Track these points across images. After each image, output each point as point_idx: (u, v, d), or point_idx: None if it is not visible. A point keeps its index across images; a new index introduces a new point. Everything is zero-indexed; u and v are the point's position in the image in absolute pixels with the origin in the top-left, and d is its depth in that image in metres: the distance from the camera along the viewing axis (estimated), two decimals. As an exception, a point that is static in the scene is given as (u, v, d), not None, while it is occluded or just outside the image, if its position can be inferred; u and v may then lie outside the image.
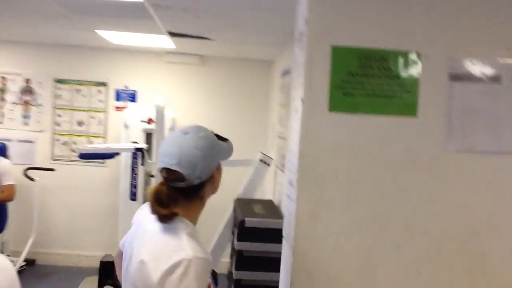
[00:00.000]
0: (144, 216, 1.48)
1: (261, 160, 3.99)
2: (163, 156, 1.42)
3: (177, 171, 1.38)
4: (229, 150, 1.58)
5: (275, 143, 4.38)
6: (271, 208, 3.69)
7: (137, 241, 1.46)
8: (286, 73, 4.04)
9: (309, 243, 1.70)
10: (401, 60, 1.71)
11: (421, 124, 1.72)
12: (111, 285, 2.73)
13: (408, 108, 1.72)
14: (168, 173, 1.41)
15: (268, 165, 4.01)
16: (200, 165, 1.40)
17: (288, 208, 1.83)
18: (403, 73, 1.71)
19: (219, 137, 1.55)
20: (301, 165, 1.68)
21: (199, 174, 1.41)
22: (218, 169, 1.51)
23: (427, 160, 1.72)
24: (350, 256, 1.71)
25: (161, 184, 1.42)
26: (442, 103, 1.72)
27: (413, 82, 1.71)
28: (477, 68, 1.74)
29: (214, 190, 1.52)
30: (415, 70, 1.71)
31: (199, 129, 1.49)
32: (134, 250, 1.44)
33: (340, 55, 1.69)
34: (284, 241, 1.87)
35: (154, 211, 1.39)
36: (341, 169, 1.69)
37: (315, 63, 1.68)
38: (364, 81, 1.70)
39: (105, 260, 2.69)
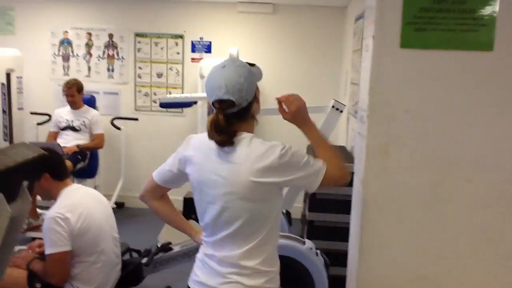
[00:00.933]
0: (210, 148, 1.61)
1: (333, 107, 3.99)
2: (212, 90, 1.58)
3: (228, 99, 1.56)
4: (260, 73, 1.74)
5: (348, 89, 4.37)
6: (343, 153, 3.74)
7: (221, 168, 1.58)
8: (359, 18, 3.96)
9: (379, 177, 1.76)
10: (477, -7, 1.66)
11: (497, 59, 1.68)
12: (194, 219, 2.97)
13: (484, 43, 1.68)
14: (220, 103, 1.57)
15: (341, 111, 4.01)
16: (245, 89, 1.57)
17: (358, 144, 1.89)
18: (479, 7, 1.67)
19: (248, 63, 1.70)
20: (371, 102, 1.72)
21: (246, 97, 1.58)
22: (257, 89, 1.67)
23: (502, 96, 1.69)
24: (420, 190, 1.76)
25: (217, 113, 1.58)
26: (521, 37, 1.67)
27: (490, 16, 1.67)
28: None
29: (258, 107, 1.70)
30: (492, 3, 1.66)
31: (233, 60, 1.64)
32: (227, 174, 1.57)
33: (413, -10, 1.67)
34: (355, 176, 1.94)
35: (212, 137, 1.57)
36: (412, 105, 1.72)
37: (387, 0, 1.68)
38: (437, 16, 1.68)
39: (188, 196, 2.92)
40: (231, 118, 1.58)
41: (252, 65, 1.70)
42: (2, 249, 1.50)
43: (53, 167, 2.42)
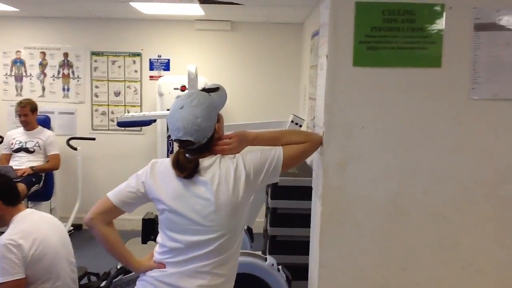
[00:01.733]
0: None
1: (292, 121, 4.04)
2: (172, 131, 1.68)
3: (187, 140, 1.64)
4: (223, 97, 1.78)
5: (307, 104, 4.43)
6: (303, 167, 3.78)
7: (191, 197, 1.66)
8: (316, 34, 4.04)
9: (337, 192, 1.79)
10: (425, 12, 1.73)
11: (446, 74, 1.75)
12: (153, 241, 2.92)
13: (433, 59, 1.75)
14: (180, 142, 1.67)
15: (300, 125, 4.07)
16: (202, 128, 1.64)
17: (316, 161, 1.91)
18: (427, 25, 1.74)
19: (210, 90, 1.75)
20: (327, 119, 1.75)
21: (204, 134, 1.66)
22: (219, 121, 1.73)
23: (453, 109, 1.76)
24: (378, 204, 1.79)
25: (178, 152, 1.69)
26: (467, 53, 1.75)
27: (438, 34, 1.74)
28: (503, 17, 1.74)
29: (219, 138, 1.75)
30: (439, 22, 1.73)
31: (191, 98, 1.68)
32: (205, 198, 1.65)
33: (364, 10, 1.73)
34: (313, 192, 1.96)
35: (177, 175, 1.66)
36: (367, 121, 1.76)
37: (339, 19, 1.73)
38: (388, 34, 1.73)
39: (146, 217, 2.86)
40: (192, 154, 1.67)
41: (215, 90, 1.75)
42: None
43: (4, 193, 2.33)
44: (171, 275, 1.68)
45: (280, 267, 2.58)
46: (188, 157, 1.66)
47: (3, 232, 2.37)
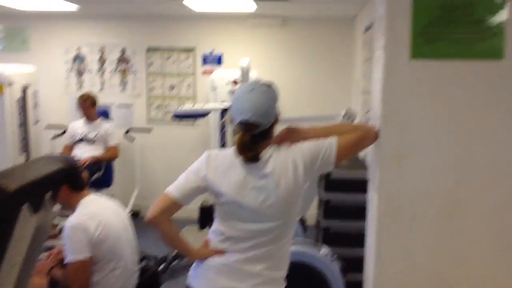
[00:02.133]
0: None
1: (345, 115, 4.04)
2: (239, 112, 1.71)
3: (254, 122, 1.69)
4: (277, 91, 1.83)
5: (360, 98, 4.40)
6: (356, 161, 3.78)
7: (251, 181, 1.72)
8: (368, 28, 4.01)
9: (394, 185, 1.80)
10: (485, 4, 1.70)
11: (508, 66, 1.71)
12: (210, 227, 3.02)
13: (495, 51, 1.72)
14: (246, 125, 1.70)
15: (353, 120, 4.06)
16: (269, 112, 1.71)
17: (373, 153, 1.93)
18: (488, 17, 1.71)
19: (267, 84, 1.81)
20: (384, 111, 1.76)
21: (270, 119, 1.72)
22: (278, 110, 1.80)
23: (514, 102, 1.72)
24: (435, 197, 1.78)
25: (243, 134, 1.73)
26: (531, 44, 1.70)
27: (499, 26, 1.70)
28: None
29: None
30: (500, 13, 1.70)
31: (261, 84, 1.76)
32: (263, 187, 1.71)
33: (421, 2, 1.72)
34: (369, 184, 1.97)
35: (242, 155, 1.71)
36: (424, 113, 1.75)
37: (396, 12, 1.73)
38: (447, 27, 1.72)
39: (203, 206, 2.96)
40: (256, 138, 1.72)
41: (271, 84, 1.80)
42: (27, 259, 1.55)
43: (72, 179, 2.48)
44: (235, 261, 1.77)
45: (334, 257, 2.60)
46: (253, 138, 1.71)
47: (67, 216, 2.53)
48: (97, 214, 2.47)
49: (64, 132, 5.27)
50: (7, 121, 4.93)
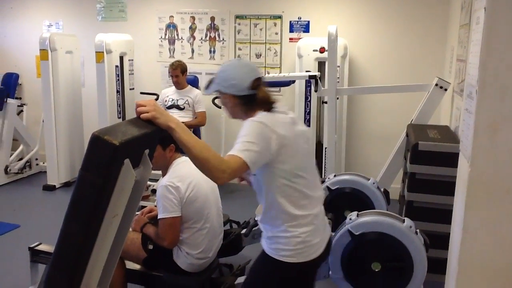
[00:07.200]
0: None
1: (437, 85, 3.86)
2: (251, 75, 1.93)
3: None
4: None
5: (454, 67, 4.16)
6: (447, 133, 3.60)
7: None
8: (468, -10, 3.73)
9: (487, 155, 1.70)
10: None
11: None
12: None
13: None
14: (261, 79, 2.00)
15: (445, 89, 3.87)
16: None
17: (466, 122, 1.83)
18: None
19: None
20: (481, 77, 1.66)
21: None
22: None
23: None
24: (532, 169, 1.67)
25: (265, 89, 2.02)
26: None
27: None
28: None
29: None
30: None
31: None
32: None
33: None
34: (460, 153, 1.89)
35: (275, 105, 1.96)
36: (527, 80, 1.62)
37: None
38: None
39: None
40: None
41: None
42: (126, 211, 1.69)
43: (166, 140, 2.63)
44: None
45: (418, 230, 2.54)
46: None
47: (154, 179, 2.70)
48: (188, 176, 2.61)
49: (156, 99, 5.56)
50: (107, 87, 5.30)
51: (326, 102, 4.28)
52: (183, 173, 2.61)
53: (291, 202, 1.84)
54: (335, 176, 3.43)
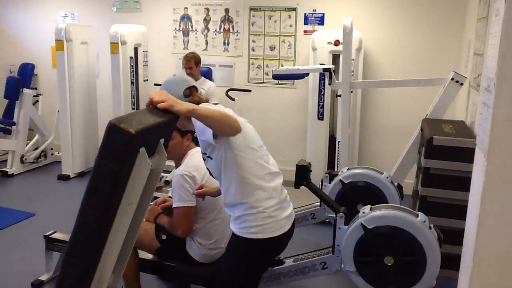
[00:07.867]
0: None
1: (453, 79, 3.81)
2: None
3: None
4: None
5: (471, 60, 4.10)
6: (462, 128, 3.57)
7: None
8: (486, -17, 3.67)
9: (505, 149, 1.68)
10: None
11: None
12: (305, 186, 3.07)
13: None
14: None
15: (461, 84, 3.82)
16: None
17: (483, 115, 1.81)
18: None
19: None
20: (500, 69, 1.63)
21: None
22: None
23: None
24: (552, 165, 1.64)
25: None
26: None
27: None
28: None
29: None
30: None
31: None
32: None
33: None
34: (477, 147, 1.87)
35: None
36: (547, 73, 1.60)
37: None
38: None
39: (300, 164, 3.00)
40: None
41: None
42: (141, 200, 1.70)
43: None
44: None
45: (431, 225, 2.53)
46: None
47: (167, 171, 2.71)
48: (203, 167, 2.60)
49: (170, 90, 5.57)
50: (121, 78, 5.33)
51: (340, 96, 4.25)
52: (198, 163, 2.61)
53: (248, 172, 1.99)
54: (348, 169, 3.42)
